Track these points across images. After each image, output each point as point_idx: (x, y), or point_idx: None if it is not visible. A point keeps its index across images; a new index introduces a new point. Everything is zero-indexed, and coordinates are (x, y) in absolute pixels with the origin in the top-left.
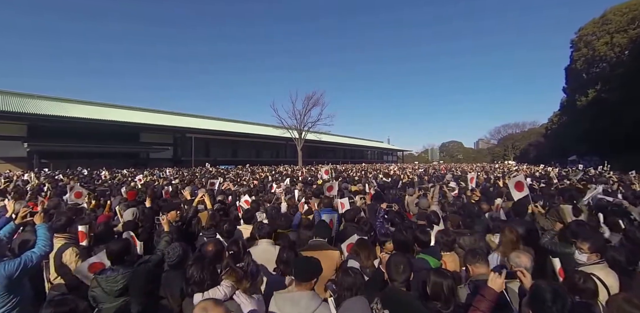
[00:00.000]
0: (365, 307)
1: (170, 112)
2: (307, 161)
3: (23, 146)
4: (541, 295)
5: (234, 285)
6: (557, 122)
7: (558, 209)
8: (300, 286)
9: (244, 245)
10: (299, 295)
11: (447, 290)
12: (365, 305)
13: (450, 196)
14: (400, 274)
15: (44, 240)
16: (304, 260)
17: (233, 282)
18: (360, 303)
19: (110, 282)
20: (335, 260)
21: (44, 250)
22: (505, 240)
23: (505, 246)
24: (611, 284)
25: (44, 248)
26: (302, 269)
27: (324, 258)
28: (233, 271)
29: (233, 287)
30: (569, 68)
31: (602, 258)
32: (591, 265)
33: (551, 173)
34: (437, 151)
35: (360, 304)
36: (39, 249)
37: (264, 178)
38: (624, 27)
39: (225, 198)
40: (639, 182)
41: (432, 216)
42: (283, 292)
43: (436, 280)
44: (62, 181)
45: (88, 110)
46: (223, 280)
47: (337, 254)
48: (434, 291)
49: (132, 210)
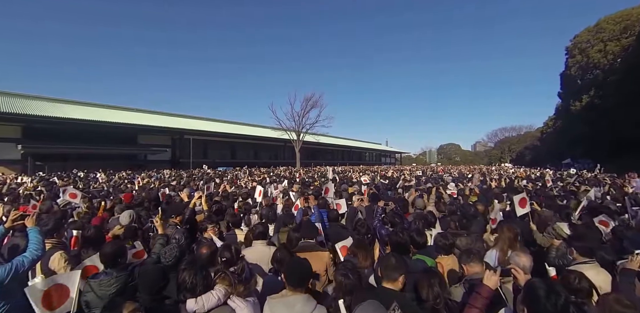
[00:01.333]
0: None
1: (168, 113)
2: (305, 162)
3: (17, 148)
4: (535, 291)
5: (228, 290)
6: (552, 126)
7: (555, 227)
8: (295, 289)
9: (236, 249)
10: (293, 299)
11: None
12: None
13: (447, 197)
14: (390, 275)
15: (35, 244)
16: (295, 264)
17: (226, 286)
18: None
19: (104, 286)
20: (325, 260)
21: (35, 254)
22: (503, 237)
23: (503, 243)
24: (599, 284)
25: (35, 252)
26: (293, 274)
27: (315, 259)
28: (226, 276)
29: (227, 291)
30: (564, 74)
31: (592, 257)
32: (580, 264)
33: (546, 175)
34: (435, 153)
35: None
36: (30, 253)
37: (262, 180)
38: (617, 35)
39: (223, 199)
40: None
41: (429, 216)
42: (277, 296)
43: (421, 279)
44: (56, 184)
45: (85, 111)
46: (216, 285)
47: (327, 255)
48: (422, 290)
49: (128, 213)
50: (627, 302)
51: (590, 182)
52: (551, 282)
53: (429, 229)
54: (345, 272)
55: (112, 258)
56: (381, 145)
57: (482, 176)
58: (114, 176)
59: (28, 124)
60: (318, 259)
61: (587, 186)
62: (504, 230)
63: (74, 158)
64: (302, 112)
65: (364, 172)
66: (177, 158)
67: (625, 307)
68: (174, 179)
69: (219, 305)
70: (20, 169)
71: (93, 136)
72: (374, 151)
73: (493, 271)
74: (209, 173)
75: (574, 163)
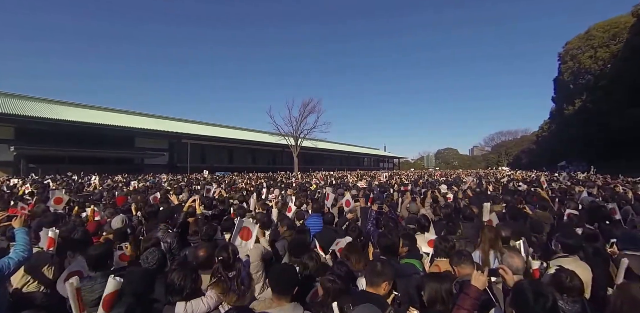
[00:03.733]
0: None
1: (165, 117)
2: (303, 168)
3: (9, 149)
4: (523, 294)
5: (220, 297)
6: (547, 130)
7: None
8: (279, 298)
9: (233, 251)
10: (278, 310)
11: (445, 294)
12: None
13: (442, 200)
14: (379, 278)
15: (22, 245)
16: (280, 270)
17: (219, 293)
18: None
19: (87, 292)
20: None
21: (22, 256)
22: (484, 238)
23: (484, 244)
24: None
25: (22, 253)
26: (278, 280)
27: None
28: (220, 281)
29: (219, 299)
30: (557, 79)
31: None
32: (560, 258)
33: (542, 177)
34: (432, 158)
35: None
36: (17, 254)
37: (259, 184)
38: (607, 42)
39: (220, 204)
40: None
41: (422, 219)
42: (261, 308)
43: (432, 285)
44: (49, 187)
45: (80, 113)
46: (208, 290)
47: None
48: (431, 296)
49: (121, 217)
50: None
51: (586, 183)
52: (540, 283)
53: (422, 233)
54: (332, 278)
55: (98, 261)
56: (379, 150)
57: (477, 179)
58: (108, 179)
59: (21, 125)
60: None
61: (581, 186)
62: (485, 231)
63: (68, 160)
64: (300, 118)
65: (361, 177)
66: (174, 162)
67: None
68: (171, 184)
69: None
70: (13, 172)
71: (88, 138)
72: (372, 156)
73: (481, 271)
74: (205, 178)
75: (569, 165)
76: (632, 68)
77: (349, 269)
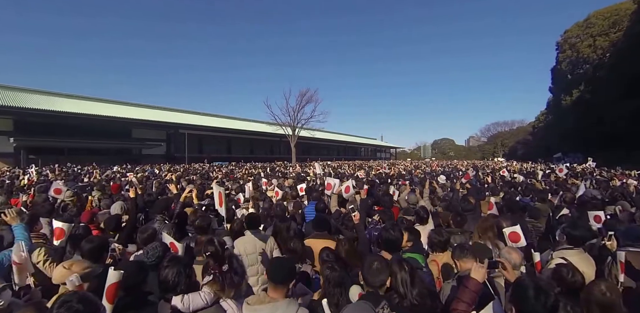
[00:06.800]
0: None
1: (163, 108)
2: (300, 158)
3: (9, 141)
4: (524, 291)
5: (218, 294)
6: (543, 120)
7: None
8: (275, 291)
9: (220, 242)
10: (272, 306)
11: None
12: (369, 310)
13: (440, 191)
14: (375, 276)
15: (21, 240)
16: (280, 262)
17: (216, 290)
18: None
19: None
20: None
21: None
22: (479, 230)
23: (476, 235)
24: (583, 269)
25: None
26: (277, 271)
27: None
28: (215, 282)
29: (216, 295)
30: (555, 69)
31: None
32: (565, 249)
33: (537, 168)
34: (429, 148)
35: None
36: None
37: (256, 174)
38: (606, 30)
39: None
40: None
41: (421, 211)
42: (254, 303)
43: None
44: (49, 177)
45: (79, 105)
46: (204, 287)
47: (334, 243)
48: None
49: (120, 204)
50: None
51: (581, 176)
52: (541, 279)
53: (422, 225)
54: (331, 264)
55: (93, 254)
56: (376, 140)
57: (474, 170)
58: (109, 169)
59: (20, 117)
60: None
61: (577, 179)
62: (479, 223)
63: (67, 151)
64: (297, 107)
65: (359, 167)
66: (172, 152)
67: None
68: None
69: (205, 308)
70: (13, 163)
71: (86, 129)
72: (369, 146)
73: (481, 264)
74: (203, 169)
75: (564, 157)
76: (631, 58)
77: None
